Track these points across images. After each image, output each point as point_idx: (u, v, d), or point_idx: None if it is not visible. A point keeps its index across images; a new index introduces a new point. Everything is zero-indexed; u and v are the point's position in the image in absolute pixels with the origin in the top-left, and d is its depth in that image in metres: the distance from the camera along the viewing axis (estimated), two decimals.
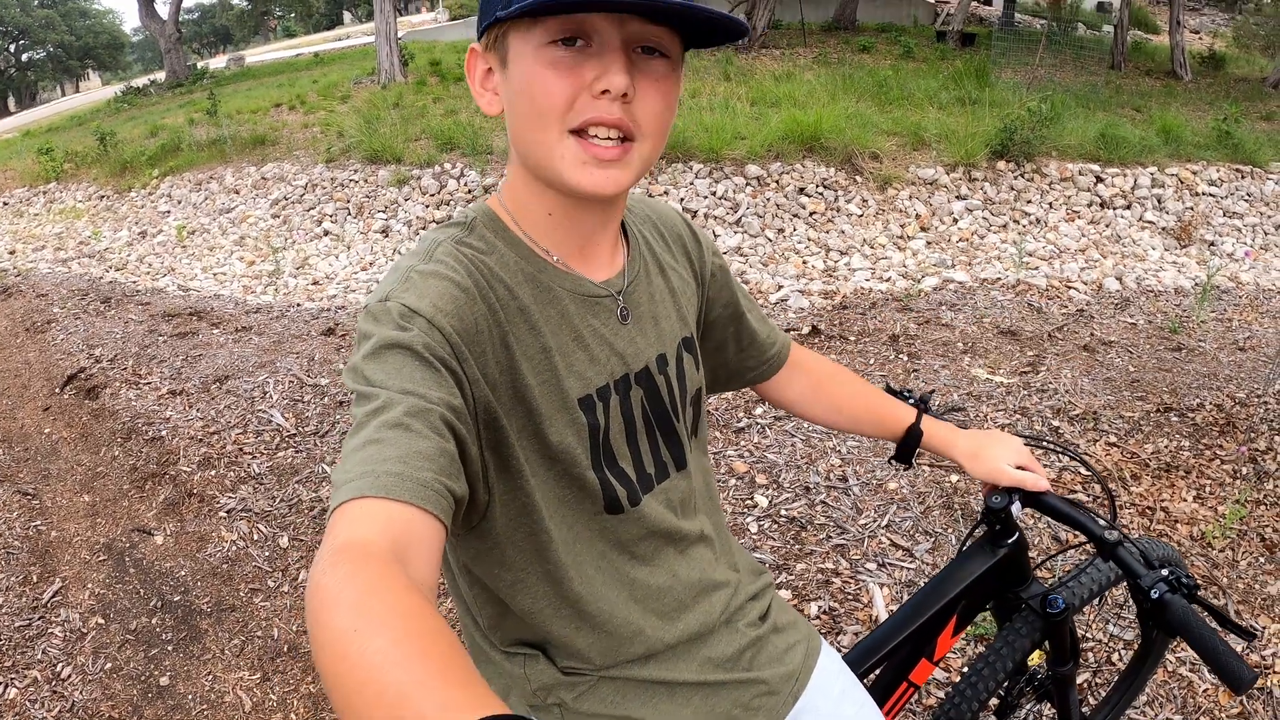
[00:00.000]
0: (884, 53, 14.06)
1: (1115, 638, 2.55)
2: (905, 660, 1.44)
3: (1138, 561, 1.24)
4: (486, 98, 0.95)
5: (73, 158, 12.07)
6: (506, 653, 1.06)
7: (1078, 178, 7.87)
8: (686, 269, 1.17)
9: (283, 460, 3.83)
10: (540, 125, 0.87)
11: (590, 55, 0.85)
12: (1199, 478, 3.38)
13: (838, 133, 8.07)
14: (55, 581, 3.17)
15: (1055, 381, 4.23)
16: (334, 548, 0.65)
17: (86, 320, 6.14)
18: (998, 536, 1.44)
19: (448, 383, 0.82)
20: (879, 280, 6.38)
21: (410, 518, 0.70)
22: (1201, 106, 10.95)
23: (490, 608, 1.04)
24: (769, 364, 1.35)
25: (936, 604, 1.42)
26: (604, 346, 1.00)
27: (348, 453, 0.75)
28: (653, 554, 1.08)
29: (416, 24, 30.82)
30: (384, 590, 0.60)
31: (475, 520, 0.96)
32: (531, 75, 0.86)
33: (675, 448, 1.10)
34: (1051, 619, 1.45)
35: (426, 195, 8.32)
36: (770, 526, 3.12)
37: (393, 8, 13.79)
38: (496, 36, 0.91)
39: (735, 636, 1.15)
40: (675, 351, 1.10)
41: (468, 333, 0.87)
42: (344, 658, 0.56)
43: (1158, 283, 6.38)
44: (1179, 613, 1.15)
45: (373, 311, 0.86)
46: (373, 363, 0.81)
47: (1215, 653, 1.10)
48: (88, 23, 55.03)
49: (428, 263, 0.90)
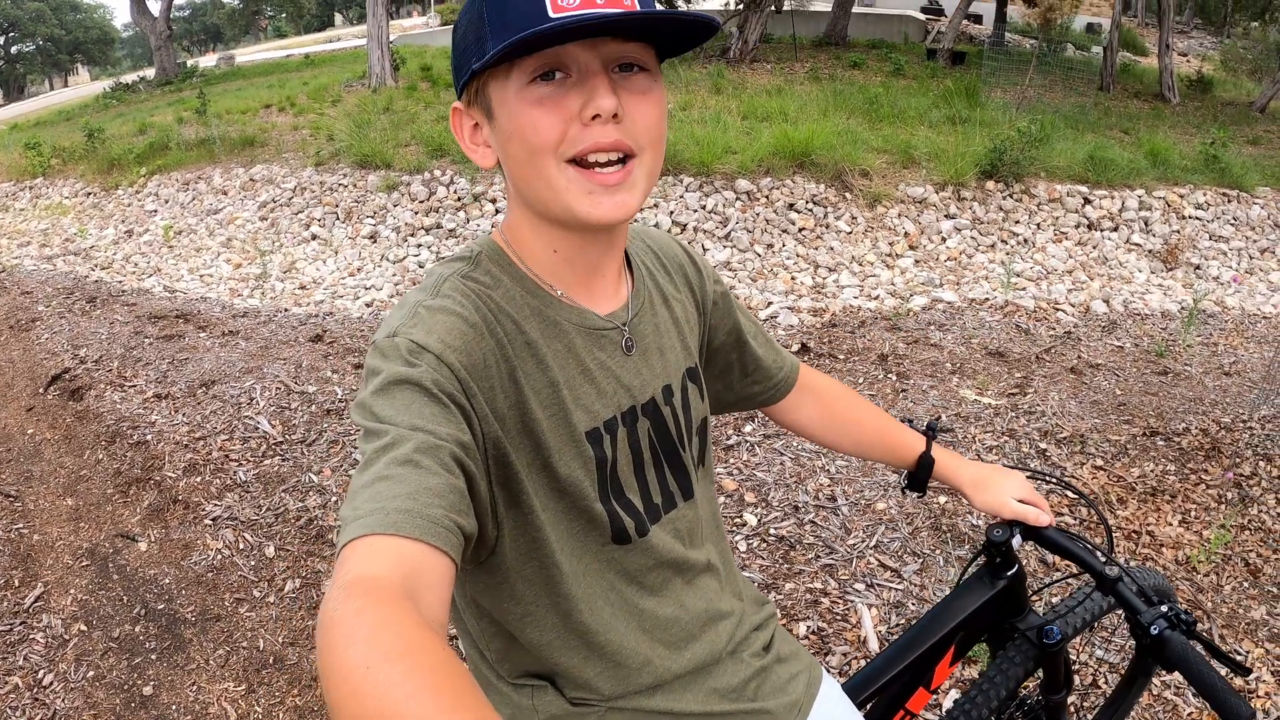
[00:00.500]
0: (875, 69, 14.14)
1: (1101, 660, 2.56)
2: (903, 689, 1.45)
3: (1137, 597, 1.25)
4: (479, 152, 0.96)
5: (60, 153, 11.99)
6: (514, 684, 1.06)
7: (1066, 199, 7.93)
8: (689, 298, 1.17)
9: (269, 468, 3.81)
10: (538, 163, 0.88)
11: (572, 85, 0.86)
12: (1184, 502, 3.40)
13: (828, 149, 8.10)
14: (37, 586, 3.13)
15: (1043, 404, 4.26)
16: (345, 583, 0.65)
17: (71, 320, 6.09)
18: (998, 568, 1.45)
19: (456, 419, 0.82)
20: (867, 298, 6.41)
21: (421, 555, 0.70)
22: (1189, 129, 11.06)
23: (498, 641, 1.04)
24: (777, 388, 1.35)
25: (936, 634, 1.42)
26: (610, 379, 1.01)
27: (357, 489, 0.75)
28: (661, 585, 1.08)
29: (408, 28, 30.81)
30: (396, 625, 0.60)
31: (484, 555, 0.96)
32: (519, 117, 0.87)
33: (682, 478, 1.11)
34: (1048, 649, 1.46)
35: (416, 201, 8.30)
36: (759, 545, 3.12)
37: (385, 11, 13.78)
38: (476, 90, 0.92)
39: (740, 667, 1.15)
40: (680, 382, 1.10)
41: (476, 368, 0.87)
42: (357, 693, 0.55)
43: (1144, 306, 6.43)
44: (1178, 649, 1.16)
45: (380, 347, 0.86)
46: (381, 399, 0.81)
47: (1214, 690, 1.11)
48: (78, 17, 54.64)
49: (435, 298, 0.90)
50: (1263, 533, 3.21)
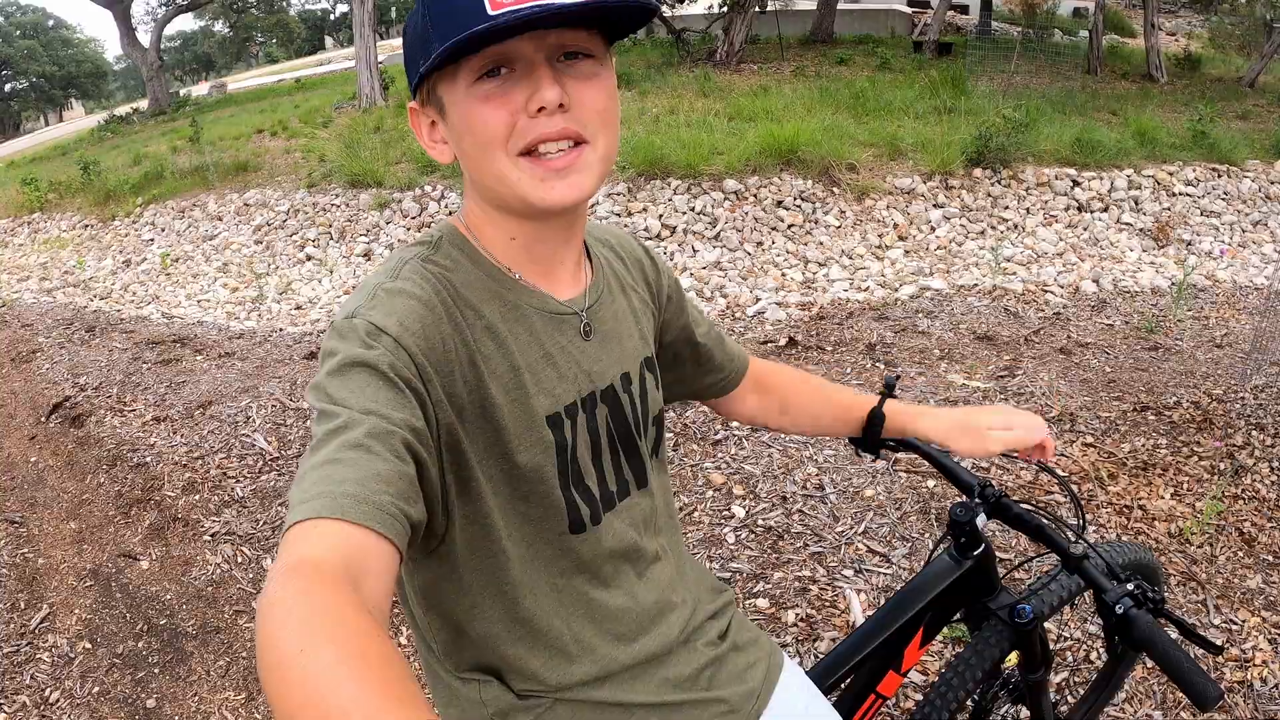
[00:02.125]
0: (861, 64, 14.16)
1: (1094, 636, 2.57)
2: (872, 673, 1.44)
3: (1103, 575, 1.23)
4: (437, 149, 0.97)
5: (56, 188, 12.09)
6: (462, 678, 1.05)
7: (1054, 182, 7.94)
8: (645, 290, 1.18)
9: (266, 483, 3.85)
10: (489, 157, 0.89)
11: (517, 79, 0.87)
12: (1176, 475, 3.40)
13: (814, 145, 8.13)
14: (43, 608, 3.18)
15: (1032, 384, 4.27)
16: (286, 566, 0.65)
17: (71, 349, 6.15)
18: (964, 548, 1.44)
19: (411, 404, 0.82)
20: (857, 290, 6.43)
21: (365, 541, 0.69)
22: (1177, 108, 11.05)
23: (445, 633, 1.03)
24: (726, 380, 1.35)
25: (902, 616, 1.41)
26: (571, 363, 1.01)
27: (305, 470, 0.75)
28: (612, 575, 1.07)
29: (397, 48, 30.84)
30: (333, 609, 0.60)
31: (434, 544, 0.95)
32: (468, 115, 0.88)
33: (637, 466, 1.11)
34: (1020, 628, 1.44)
35: (408, 218, 8.36)
36: (747, 536, 3.14)
37: (373, 33, 13.88)
38: (428, 91, 0.93)
39: (693, 656, 1.14)
40: (639, 370, 1.11)
41: (434, 353, 0.87)
42: (288, 675, 0.55)
43: (1135, 284, 6.44)
44: (1144, 629, 1.14)
45: (338, 328, 0.86)
46: (336, 380, 0.81)
47: (1180, 670, 1.09)
48: (70, 52, 54.97)
49: (394, 280, 0.90)
50: (1256, 501, 3.20)
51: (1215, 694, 1.07)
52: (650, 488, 1.13)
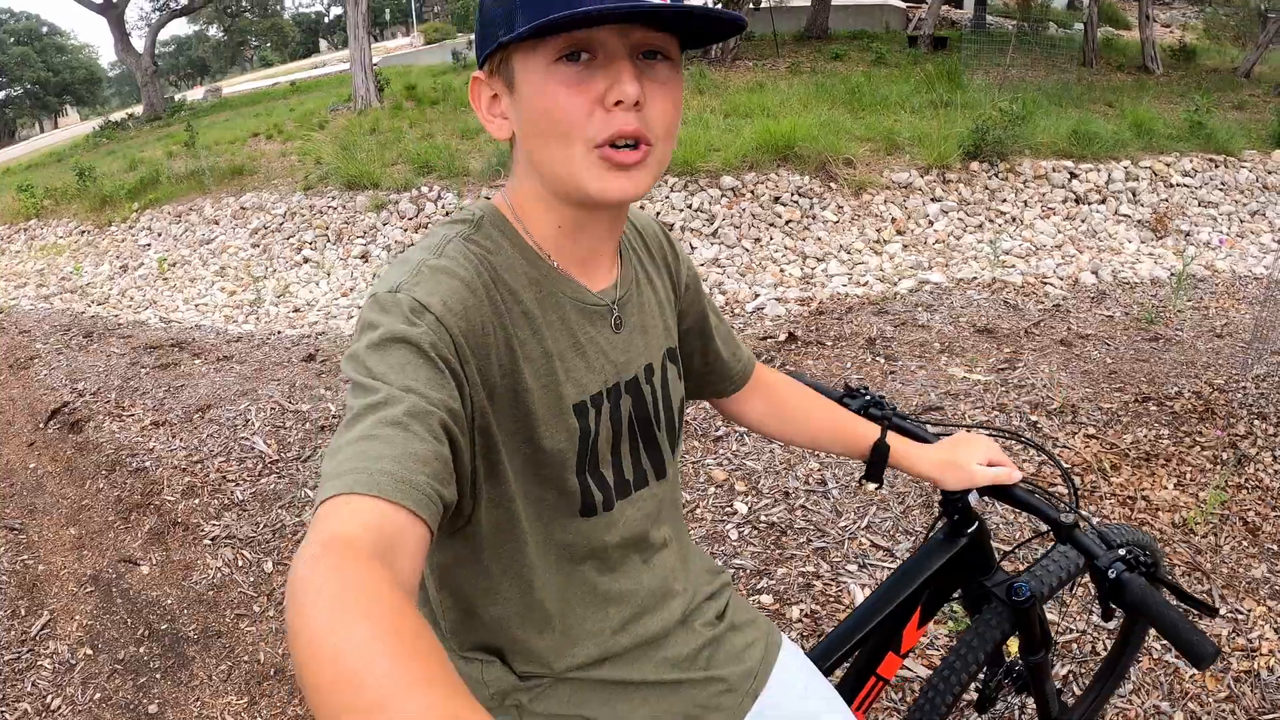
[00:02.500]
0: (856, 60, 14.17)
1: (1098, 627, 2.56)
2: (871, 654, 1.45)
3: (1095, 543, 1.24)
4: (495, 123, 0.95)
5: (52, 194, 12.07)
6: (464, 657, 1.06)
7: (1052, 175, 7.93)
8: (667, 280, 1.17)
9: (265, 486, 3.84)
10: (563, 142, 0.88)
11: (598, 68, 0.86)
12: (1179, 465, 3.39)
13: (811, 141, 8.12)
14: (43, 614, 3.17)
15: (1032, 376, 4.26)
16: (320, 540, 0.64)
17: (69, 355, 6.14)
18: (957, 526, 1.45)
19: (449, 384, 0.81)
20: (856, 285, 6.42)
21: (399, 519, 0.69)
22: (1174, 99, 11.05)
23: (455, 612, 1.05)
24: (732, 381, 1.34)
25: (899, 596, 1.41)
26: (599, 355, 1.01)
27: (341, 444, 0.74)
28: (620, 561, 1.08)
29: (392, 49, 30.92)
30: (367, 586, 0.59)
31: (459, 525, 0.96)
32: (545, 94, 0.86)
33: (656, 457, 1.11)
34: (1019, 607, 1.43)
35: (404, 219, 8.34)
36: (750, 533, 3.13)
37: (367, 35, 13.87)
38: (500, 61, 0.91)
39: (692, 636, 1.15)
40: (661, 361, 1.11)
41: (474, 334, 0.87)
42: (321, 652, 0.55)
43: (1134, 275, 6.43)
44: (1137, 591, 1.15)
45: (380, 301, 0.84)
46: (376, 354, 0.80)
47: (1175, 628, 1.09)
48: (64, 58, 54.86)
49: (438, 258, 0.90)
50: (1260, 490, 3.20)
51: (1212, 651, 1.07)
52: (669, 478, 1.14)
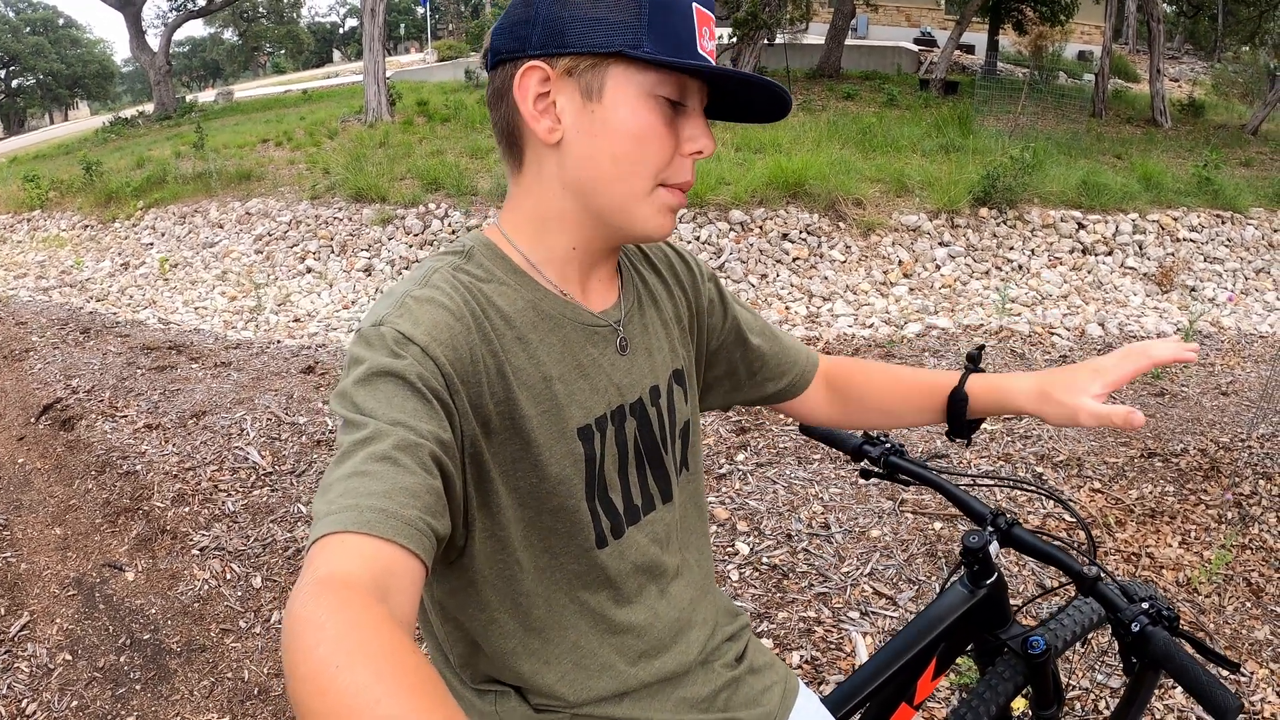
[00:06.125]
0: (868, 100, 14.25)
1: (1101, 685, 2.52)
2: (885, 704, 1.41)
3: (1118, 596, 1.22)
4: (545, 123, 0.90)
5: (58, 186, 12.06)
6: (478, 690, 1.03)
7: (1060, 224, 7.94)
8: (680, 297, 1.14)
9: (258, 499, 3.77)
10: (639, 174, 0.90)
11: (684, 116, 0.92)
12: (1184, 523, 3.37)
13: (822, 179, 8.13)
14: (23, 615, 3.09)
15: (1039, 427, 4.23)
16: (315, 579, 0.64)
17: (65, 350, 6.08)
18: (976, 576, 1.42)
19: (438, 415, 0.80)
20: (862, 326, 6.40)
21: (393, 556, 0.68)
22: (1182, 153, 11.11)
23: (462, 645, 1.02)
24: (791, 385, 1.28)
25: (915, 646, 1.38)
26: (603, 377, 0.99)
27: (332, 481, 0.73)
28: (635, 592, 1.05)
29: (406, 64, 31.03)
30: (367, 625, 0.59)
31: (454, 556, 0.94)
32: (641, 124, 0.88)
33: (662, 480, 1.09)
34: (1033, 661, 1.41)
35: (410, 235, 8.32)
36: (751, 574, 3.08)
37: (382, 47, 13.90)
38: (591, 64, 0.87)
39: (711, 677, 1.12)
40: (667, 383, 1.09)
41: (462, 363, 0.85)
42: (325, 691, 0.54)
43: (1140, 328, 6.43)
44: (1161, 644, 1.13)
45: (365, 336, 0.84)
46: (363, 389, 0.79)
47: (1199, 683, 1.08)
48: (78, 51, 54.97)
49: (423, 288, 0.88)
50: (1264, 552, 3.18)
51: (1235, 705, 1.05)
52: (675, 502, 1.10)
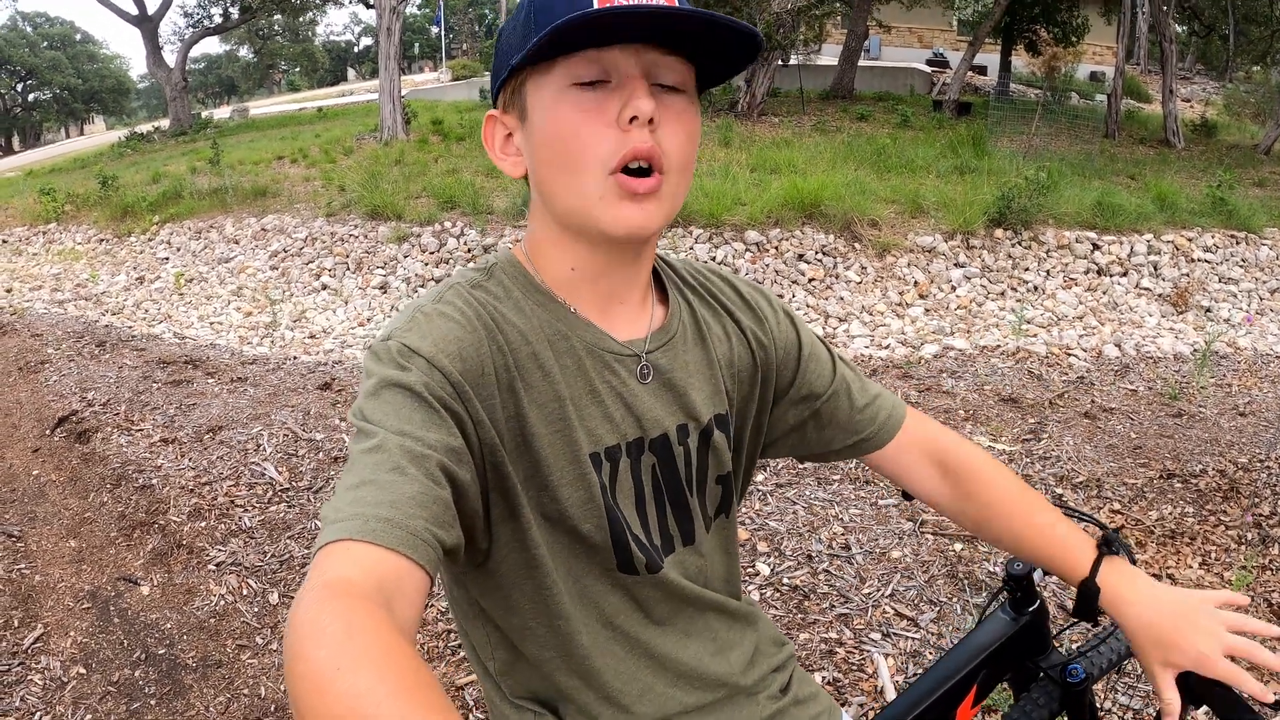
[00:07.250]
0: (882, 121, 14.28)
1: (1125, 707, 2.49)
2: None
3: None
4: (509, 162, 0.94)
5: (74, 199, 12.13)
6: (516, 704, 1.01)
7: (1075, 245, 7.93)
8: (739, 341, 1.07)
9: (275, 515, 3.76)
10: (574, 169, 0.86)
11: (611, 91, 0.85)
12: (1204, 544, 3.36)
13: (837, 200, 8.13)
14: (37, 627, 3.08)
15: (1058, 449, 4.21)
16: (318, 585, 0.65)
17: (80, 363, 6.10)
18: (1019, 604, 1.39)
19: (447, 424, 0.81)
20: (878, 347, 6.39)
21: (396, 565, 0.69)
22: (1195, 173, 11.10)
23: (502, 651, 1.01)
24: (866, 440, 1.16)
25: (957, 674, 1.35)
26: (620, 405, 0.96)
27: (341, 490, 0.75)
28: (670, 615, 1.03)
29: (420, 83, 31.19)
30: (370, 630, 0.60)
31: (479, 560, 0.93)
32: (557, 119, 0.86)
33: (685, 522, 1.04)
34: (1071, 689, 1.37)
35: (426, 253, 8.34)
36: (772, 595, 3.06)
37: (397, 66, 14.00)
38: (513, 91, 0.91)
39: (756, 708, 1.10)
40: (703, 426, 1.03)
41: (471, 374, 0.85)
42: (324, 693, 0.55)
43: (1156, 349, 6.41)
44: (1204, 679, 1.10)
45: (375, 351, 0.85)
46: (372, 401, 0.81)
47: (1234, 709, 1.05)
48: (95, 66, 55.45)
49: (435, 304, 0.89)
50: None
51: None
52: (698, 545, 1.05)
